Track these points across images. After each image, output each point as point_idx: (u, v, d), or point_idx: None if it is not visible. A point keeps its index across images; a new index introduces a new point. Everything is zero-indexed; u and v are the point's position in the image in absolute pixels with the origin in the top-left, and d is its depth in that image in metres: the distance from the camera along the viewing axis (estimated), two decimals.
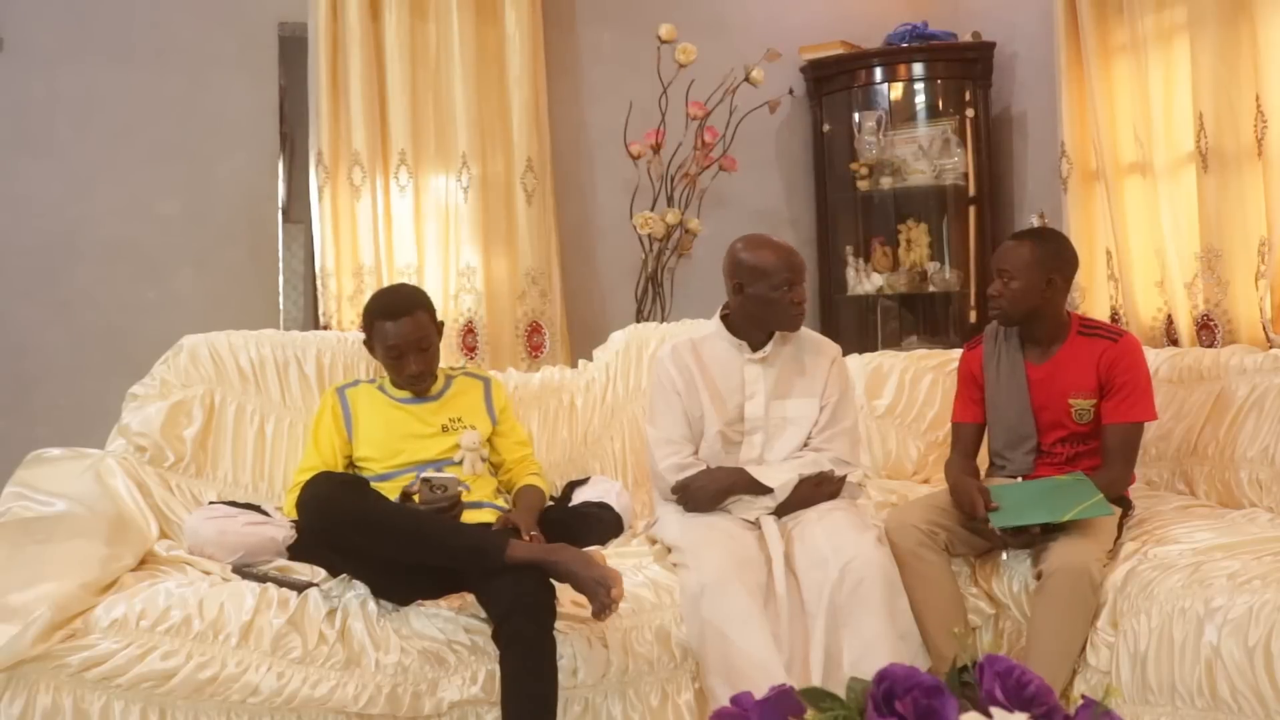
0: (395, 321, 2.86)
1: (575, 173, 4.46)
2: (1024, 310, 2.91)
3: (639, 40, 4.18)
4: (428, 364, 2.91)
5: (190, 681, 2.29)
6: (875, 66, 4.57)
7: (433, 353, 2.93)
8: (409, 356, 2.87)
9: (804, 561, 2.68)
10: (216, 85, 4.13)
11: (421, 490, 2.61)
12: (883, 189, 4.54)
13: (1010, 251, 2.93)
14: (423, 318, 2.90)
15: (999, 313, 2.96)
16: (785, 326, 2.96)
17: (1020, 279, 2.89)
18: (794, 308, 2.90)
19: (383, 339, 2.87)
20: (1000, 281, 2.93)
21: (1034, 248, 2.92)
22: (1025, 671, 1.27)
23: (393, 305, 2.90)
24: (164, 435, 3.04)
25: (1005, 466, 3.01)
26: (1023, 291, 2.89)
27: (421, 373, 2.90)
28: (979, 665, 1.30)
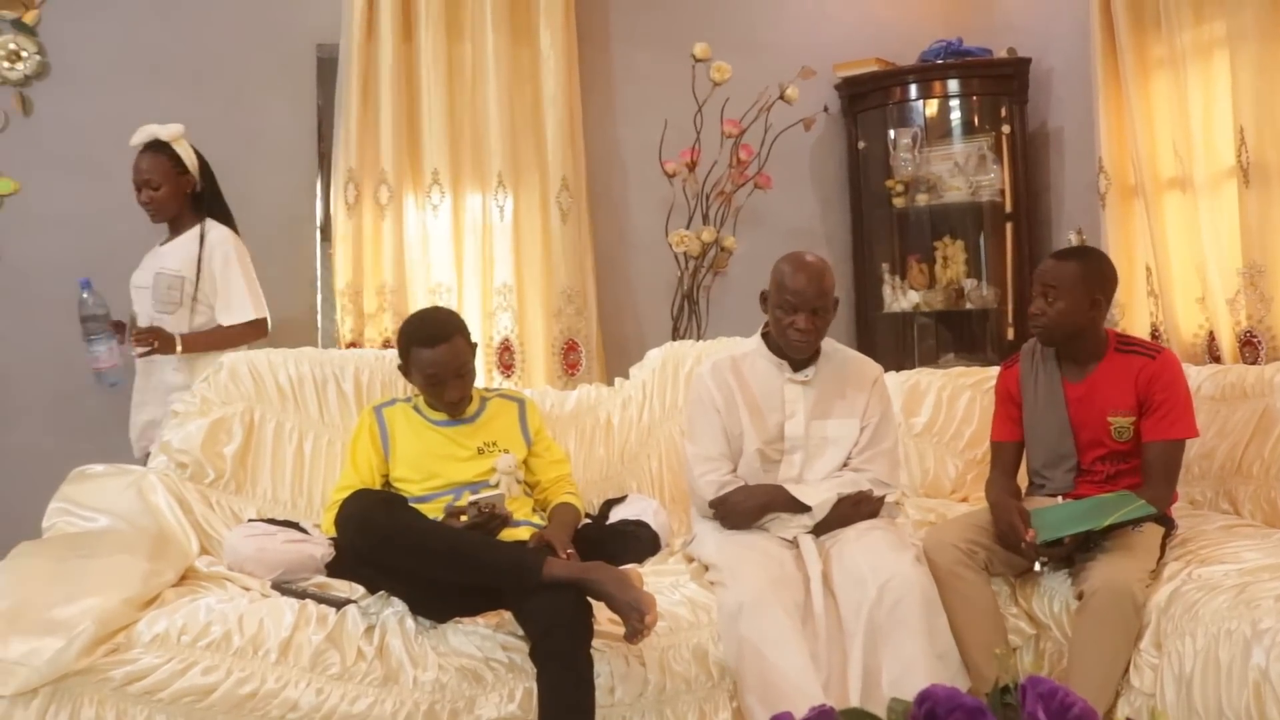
0: (433, 349, 2.84)
1: (611, 191, 4.47)
2: (1067, 330, 2.89)
3: (674, 59, 4.19)
4: (466, 389, 2.92)
5: (230, 697, 2.31)
6: (910, 83, 4.55)
7: (470, 377, 2.93)
8: (448, 383, 2.86)
9: (842, 580, 2.67)
10: (256, 106, 4.18)
11: (469, 511, 2.62)
12: (918, 206, 4.52)
13: (1054, 270, 2.90)
14: (460, 343, 2.89)
15: (1041, 332, 2.93)
16: (787, 350, 2.95)
17: (1065, 299, 2.86)
18: (793, 332, 2.87)
19: (421, 366, 2.86)
20: (1043, 300, 2.89)
21: (1079, 267, 2.88)
22: (1069, 693, 1.26)
23: (430, 332, 2.87)
24: (204, 452, 3.07)
25: (1045, 485, 2.98)
26: (1067, 311, 2.86)
27: (461, 398, 2.91)
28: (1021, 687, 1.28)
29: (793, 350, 2.93)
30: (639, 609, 2.34)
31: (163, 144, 3.48)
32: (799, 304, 2.85)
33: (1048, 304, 2.88)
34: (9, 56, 3.92)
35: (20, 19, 3.93)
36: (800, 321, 2.85)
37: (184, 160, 3.51)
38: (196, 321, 3.51)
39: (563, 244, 4.20)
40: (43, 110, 3.96)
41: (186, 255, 3.49)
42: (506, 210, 4.18)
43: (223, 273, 3.50)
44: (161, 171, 3.47)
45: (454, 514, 2.67)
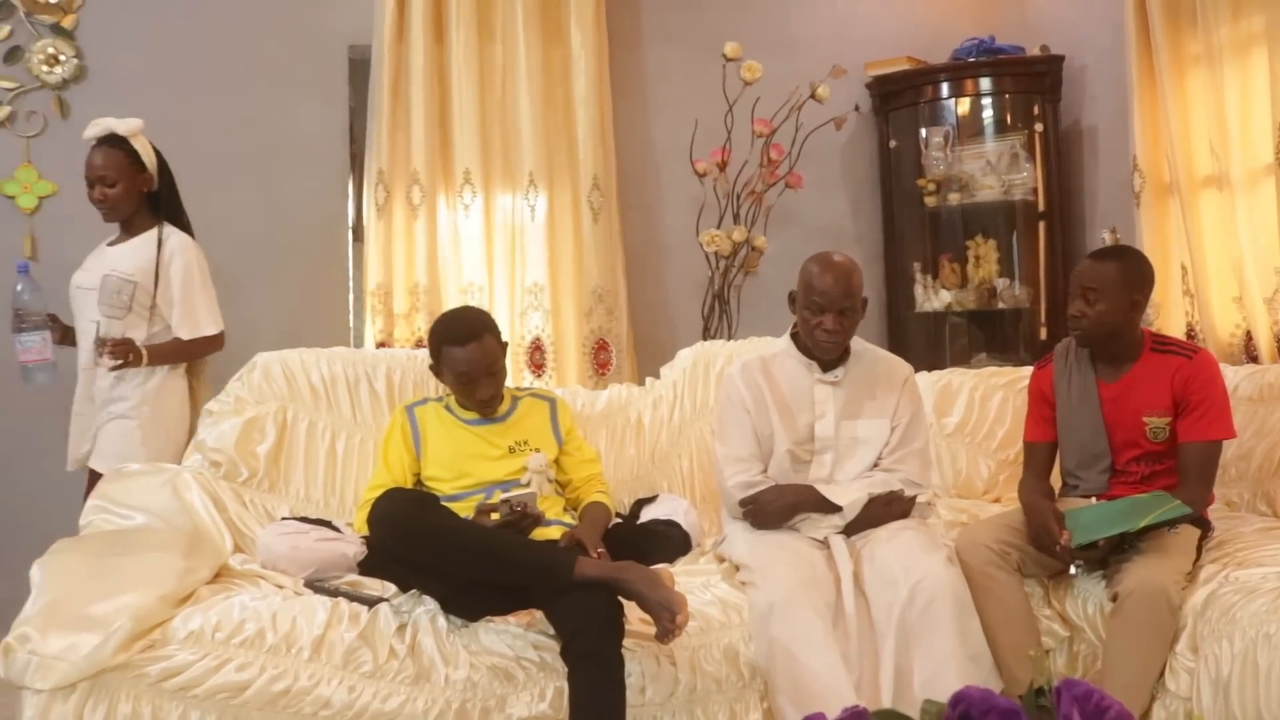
0: (464, 347, 2.86)
1: (641, 191, 4.48)
2: (1107, 331, 2.86)
3: (704, 58, 4.19)
4: (497, 388, 2.93)
5: (264, 694, 2.32)
6: (942, 81, 4.53)
7: (501, 376, 2.94)
8: (480, 381, 2.88)
9: (873, 581, 2.66)
10: (289, 108, 4.21)
11: (501, 509, 2.63)
12: (950, 205, 4.50)
13: (1093, 271, 2.87)
14: (490, 342, 2.90)
15: (1081, 334, 2.90)
16: (815, 350, 2.94)
17: (1105, 300, 2.83)
18: (821, 333, 2.87)
19: (453, 365, 2.88)
20: (1083, 302, 2.86)
21: (1119, 268, 2.85)
22: (1104, 696, 1.24)
23: (461, 331, 2.89)
24: (238, 451, 3.10)
25: (1079, 486, 2.96)
26: (1107, 313, 2.83)
27: (492, 397, 2.92)
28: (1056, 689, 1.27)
29: (820, 351, 2.93)
30: (670, 609, 2.35)
31: (120, 139, 3.29)
32: (826, 304, 2.84)
33: (1088, 306, 2.85)
34: (47, 60, 3.96)
35: (59, 23, 3.97)
36: (828, 322, 2.85)
37: (142, 157, 3.32)
38: (152, 330, 3.31)
39: (594, 243, 4.21)
40: (80, 113, 4.00)
41: (141, 259, 3.29)
42: (538, 210, 4.19)
43: (183, 282, 3.31)
44: (118, 168, 3.28)
45: (485, 511, 2.68)
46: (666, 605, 2.35)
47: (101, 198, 3.29)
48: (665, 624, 2.35)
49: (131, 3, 4.05)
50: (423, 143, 4.07)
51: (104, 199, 3.29)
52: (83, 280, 3.33)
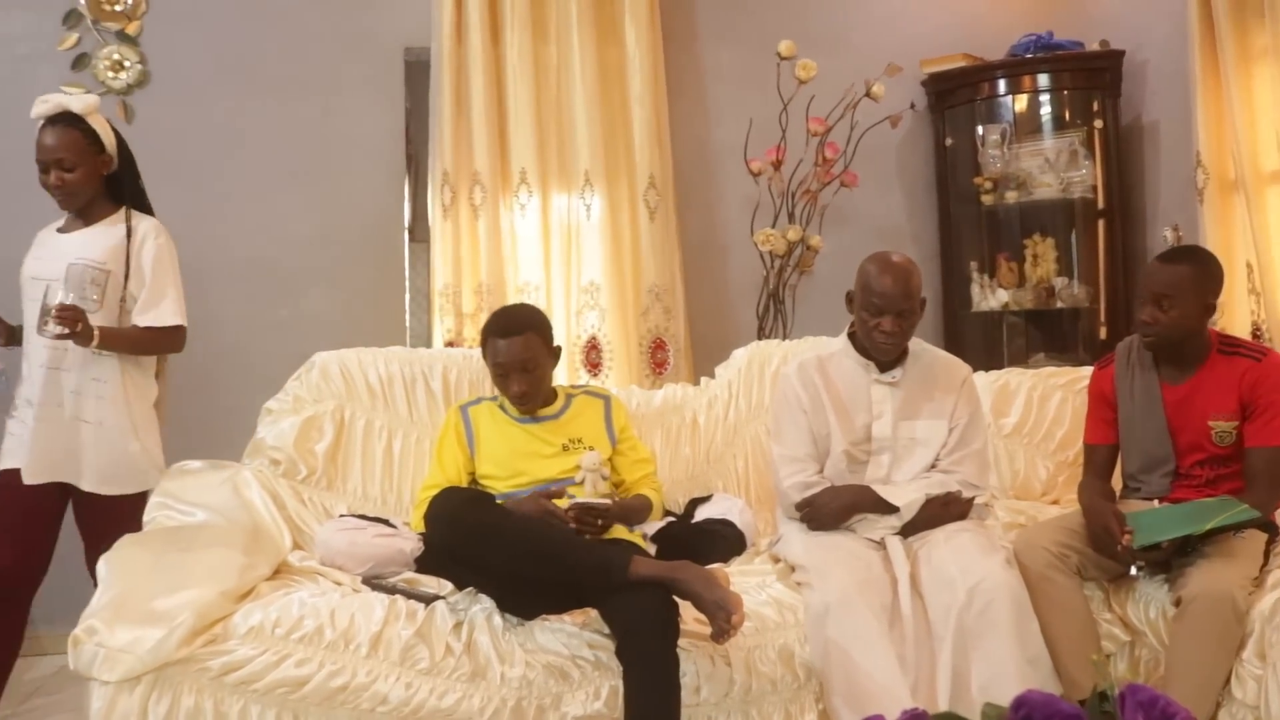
0: (506, 339, 2.89)
1: (697, 190, 4.47)
2: (1180, 337, 2.80)
3: (759, 57, 4.18)
4: (531, 386, 2.92)
5: (322, 689, 2.35)
6: (999, 78, 4.48)
7: (538, 375, 2.93)
8: (513, 376, 2.89)
9: (930, 583, 2.64)
10: (346, 110, 4.25)
11: (576, 512, 2.63)
12: (1007, 203, 4.44)
13: (1164, 275, 2.79)
14: (533, 339, 2.91)
15: (1154, 340, 2.83)
16: (873, 351, 2.92)
17: (1179, 306, 2.76)
18: (879, 334, 2.85)
19: (492, 355, 2.92)
20: (1155, 308, 2.79)
21: (1192, 272, 2.78)
22: (1170, 703, 1.22)
23: (506, 324, 2.94)
24: (297, 449, 3.14)
25: (1140, 489, 2.92)
26: (1181, 318, 2.77)
27: (524, 393, 2.91)
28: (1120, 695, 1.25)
29: (879, 352, 2.91)
30: (726, 608, 2.34)
31: (74, 117, 2.99)
32: (885, 306, 2.82)
33: (1161, 312, 2.78)
34: (113, 66, 4.04)
35: (124, 30, 4.05)
36: (886, 324, 2.83)
37: (100, 137, 3.04)
38: (124, 324, 3.06)
39: (651, 242, 4.21)
40: (143, 118, 4.08)
41: (109, 247, 3.02)
42: (594, 209, 4.20)
43: (154, 270, 3.06)
44: (76, 150, 2.98)
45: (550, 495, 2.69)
46: (722, 605, 2.35)
47: (59, 183, 2.98)
48: (721, 624, 2.34)
49: (193, 9, 4.12)
50: (484, 144, 4.09)
51: (61, 184, 2.98)
52: (39, 270, 3.01)
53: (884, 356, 2.92)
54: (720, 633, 2.36)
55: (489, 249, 4.12)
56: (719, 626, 2.35)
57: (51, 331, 2.85)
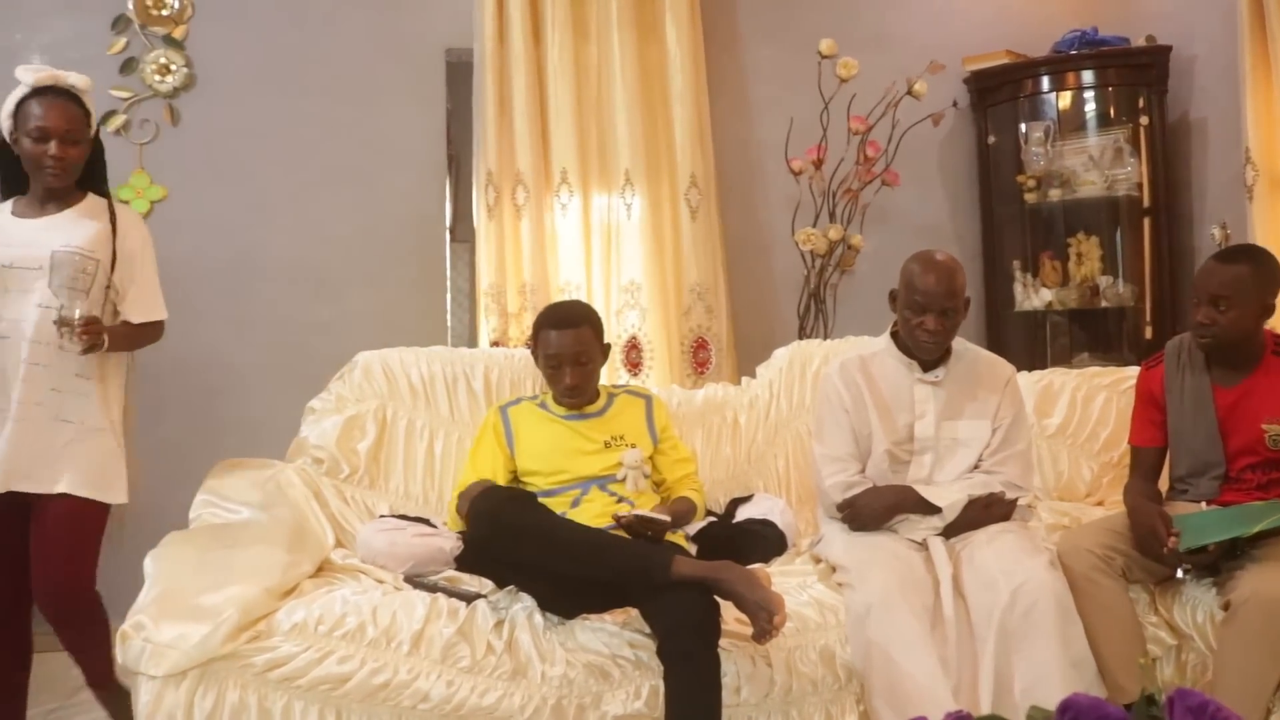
0: (559, 331, 2.93)
1: (738, 189, 4.46)
2: (1237, 339, 2.74)
3: (800, 56, 4.16)
4: (583, 379, 2.95)
5: (364, 686, 2.37)
6: (1042, 75, 4.43)
7: (591, 369, 2.97)
8: (565, 368, 2.92)
9: (973, 584, 2.62)
10: (388, 111, 4.28)
11: (632, 522, 2.63)
12: (1051, 201, 4.40)
13: (1222, 275, 2.73)
14: (586, 333, 2.95)
15: (1210, 342, 2.77)
16: (916, 350, 2.90)
17: (1237, 307, 2.71)
18: (922, 333, 2.83)
19: (545, 347, 2.95)
20: (1212, 309, 2.73)
21: (1251, 272, 2.72)
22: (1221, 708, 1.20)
23: (562, 317, 2.99)
24: (339, 448, 3.16)
25: (1188, 491, 2.87)
26: (1239, 319, 2.71)
27: (575, 386, 2.94)
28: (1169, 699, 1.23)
29: (921, 351, 2.89)
30: (768, 609, 2.34)
31: (74, 94, 2.79)
32: (928, 304, 2.81)
33: (1219, 313, 2.73)
34: (159, 70, 4.09)
35: (170, 34, 4.10)
36: (929, 322, 2.81)
37: (93, 119, 2.86)
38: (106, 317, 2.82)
39: (693, 241, 4.21)
40: (189, 120, 4.13)
41: (93, 234, 2.79)
42: (635, 208, 4.20)
43: (143, 261, 2.89)
44: (80, 125, 2.79)
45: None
46: (764, 605, 2.34)
47: (61, 155, 2.74)
48: (763, 624, 2.34)
49: (237, 13, 4.17)
50: (527, 144, 4.11)
51: (64, 158, 2.75)
52: (16, 257, 2.73)
53: (927, 356, 2.90)
54: (762, 633, 2.35)
55: (532, 249, 4.13)
56: (760, 627, 2.35)
57: (75, 348, 2.66)
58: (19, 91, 2.76)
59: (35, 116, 2.73)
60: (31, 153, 2.74)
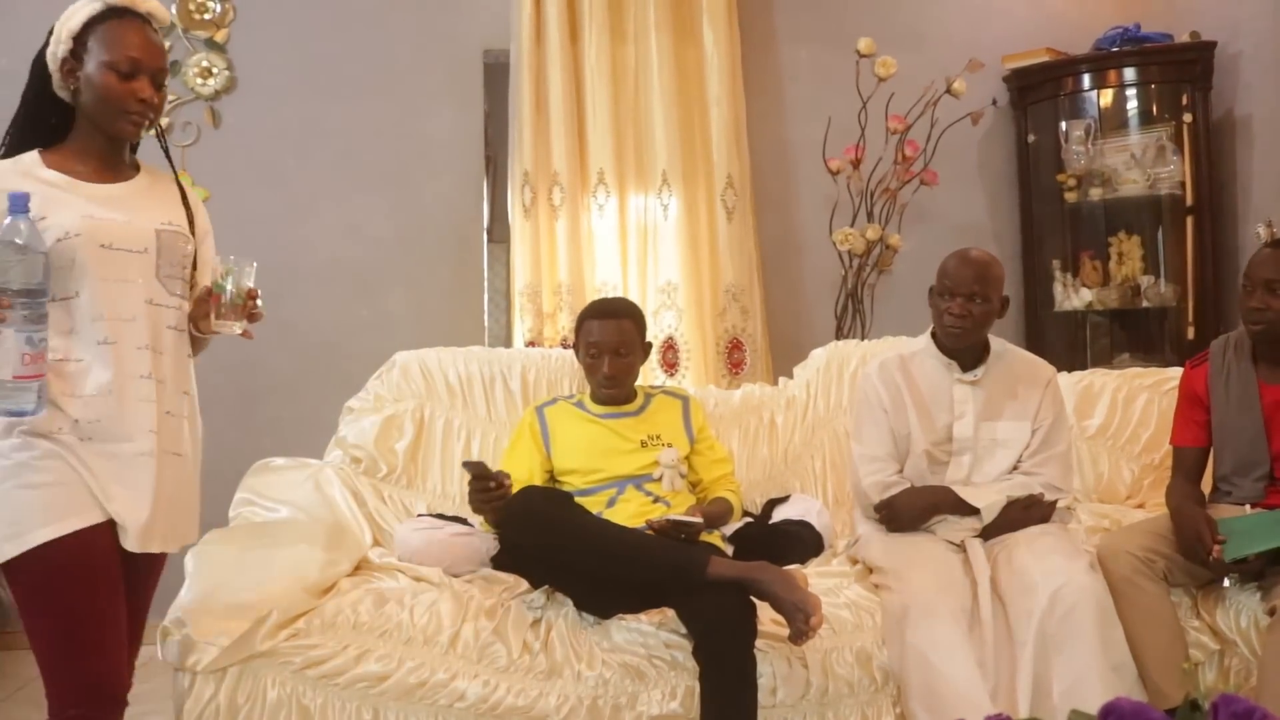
0: (601, 321, 2.97)
1: (775, 189, 4.45)
2: None
3: (837, 55, 4.14)
4: (621, 371, 2.95)
5: (401, 684, 2.38)
6: (1083, 73, 4.38)
7: (630, 362, 2.98)
8: (605, 357, 2.94)
9: (1011, 587, 2.59)
10: (426, 113, 4.31)
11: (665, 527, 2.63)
12: (1092, 200, 4.35)
13: (1277, 261, 2.71)
14: (629, 326, 2.98)
15: (1264, 328, 2.74)
16: (943, 338, 2.90)
17: None
18: (948, 317, 2.83)
19: (587, 335, 2.98)
20: (1267, 293, 2.71)
21: None
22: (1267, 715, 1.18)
23: (605, 308, 3.06)
24: (377, 447, 3.18)
25: (1232, 493, 2.83)
26: None
27: (613, 376, 2.94)
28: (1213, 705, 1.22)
29: (948, 338, 2.88)
30: (805, 610, 2.33)
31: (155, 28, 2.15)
32: (955, 288, 2.82)
33: (1274, 298, 2.70)
34: (201, 73, 4.14)
35: (212, 38, 4.15)
36: (955, 306, 2.81)
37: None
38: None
39: (728, 242, 4.20)
40: (230, 122, 4.18)
41: (172, 208, 2.18)
42: (671, 209, 4.20)
43: (209, 245, 2.31)
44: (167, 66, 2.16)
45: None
46: (801, 606, 2.33)
47: (150, 99, 2.08)
48: (799, 625, 2.33)
49: (278, 17, 4.21)
50: (563, 145, 4.12)
51: (156, 102, 2.10)
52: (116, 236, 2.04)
53: (953, 343, 2.89)
54: (798, 634, 2.35)
55: (568, 249, 4.14)
56: (797, 628, 2.34)
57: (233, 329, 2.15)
58: (89, 6, 2.07)
59: (125, 44, 2.04)
60: (111, 90, 2.04)
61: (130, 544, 2.02)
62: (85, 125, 2.10)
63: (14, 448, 1.95)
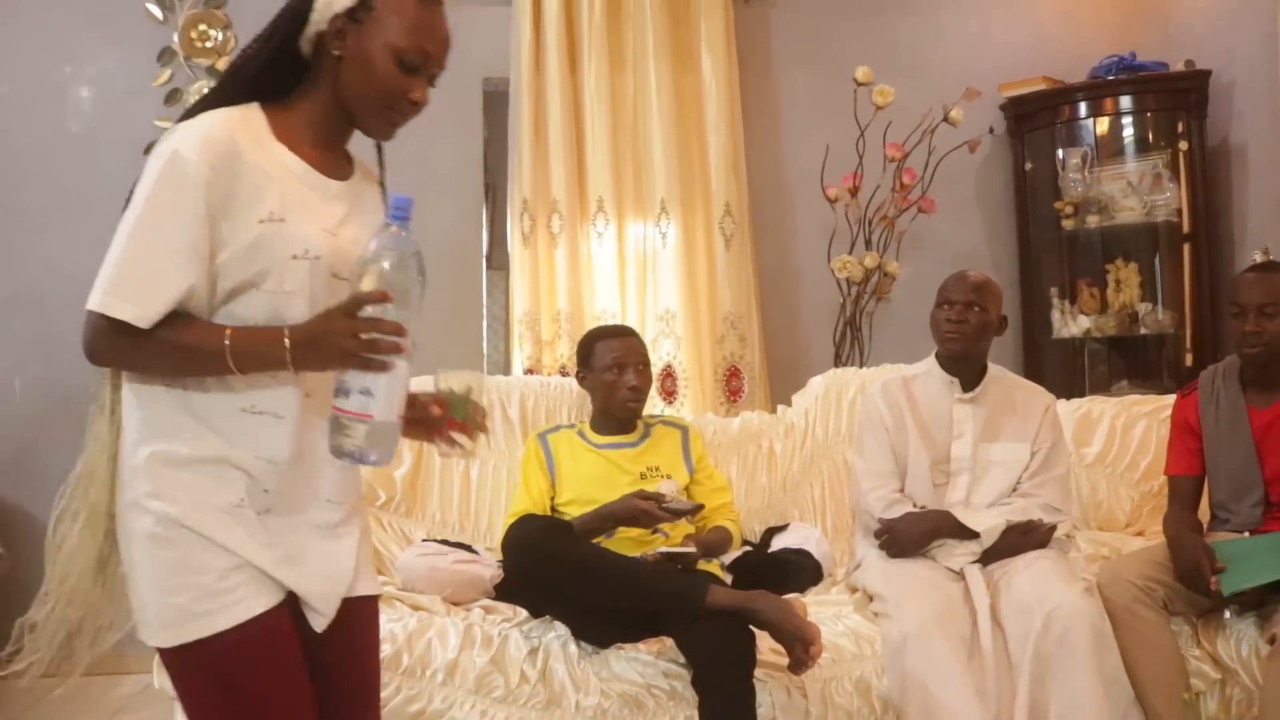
0: (620, 339, 3.02)
1: (773, 217, 4.47)
2: None
3: (835, 83, 4.17)
4: (646, 383, 2.99)
5: (399, 714, 2.38)
6: (1079, 101, 4.41)
7: (649, 377, 3.01)
8: (630, 369, 2.96)
9: (1009, 611, 2.60)
10: (425, 140, 4.29)
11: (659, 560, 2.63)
12: (1089, 228, 4.37)
13: (1266, 284, 2.75)
14: (640, 342, 3.06)
15: (1260, 351, 2.76)
16: (940, 346, 2.95)
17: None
18: (946, 324, 2.89)
19: (606, 354, 2.99)
20: (1260, 317, 2.73)
21: None
22: None
23: (616, 329, 3.14)
24: (376, 475, 3.18)
25: (1229, 520, 2.84)
26: None
27: (640, 386, 2.96)
28: None
29: (945, 345, 2.92)
30: (804, 639, 2.33)
31: None
32: (952, 296, 2.89)
33: (1268, 320, 2.72)
34: None
35: (214, 65, 4.17)
36: (953, 313, 2.87)
37: None
38: None
39: (727, 270, 4.21)
40: None
41: (367, 225, 1.68)
42: (669, 237, 4.22)
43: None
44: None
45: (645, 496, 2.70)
46: (800, 635, 2.33)
47: (421, 105, 1.72)
48: (799, 654, 2.33)
49: None
50: (562, 172, 4.14)
51: (418, 109, 1.73)
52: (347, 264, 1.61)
53: (950, 350, 2.93)
54: (798, 663, 2.34)
55: (567, 276, 4.15)
56: (796, 657, 2.34)
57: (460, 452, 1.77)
58: None
59: (425, 31, 1.65)
60: (390, 80, 1.63)
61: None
62: (325, 98, 1.64)
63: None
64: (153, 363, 1.52)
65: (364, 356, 1.48)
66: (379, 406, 1.50)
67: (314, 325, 1.50)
